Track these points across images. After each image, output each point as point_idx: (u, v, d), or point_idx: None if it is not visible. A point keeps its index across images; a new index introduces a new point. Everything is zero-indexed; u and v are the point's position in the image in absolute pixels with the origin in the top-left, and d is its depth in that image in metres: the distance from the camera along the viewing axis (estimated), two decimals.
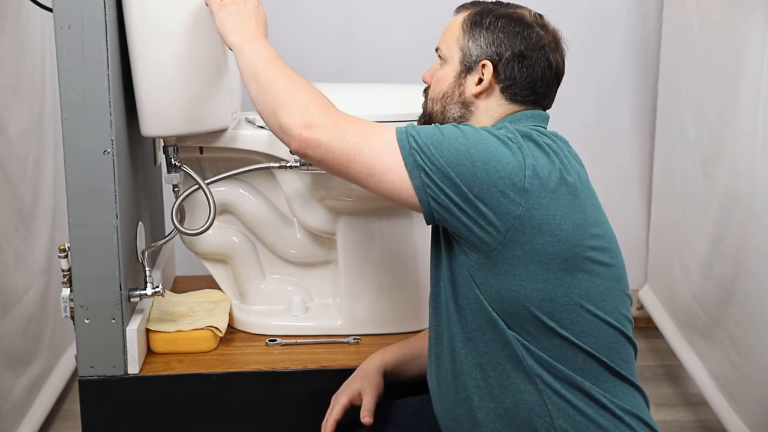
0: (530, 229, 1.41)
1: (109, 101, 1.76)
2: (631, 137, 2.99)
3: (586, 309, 1.46)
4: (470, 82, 1.56)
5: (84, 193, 1.79)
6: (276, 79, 1.55)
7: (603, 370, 1.47)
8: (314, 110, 1.49)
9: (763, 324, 2.11)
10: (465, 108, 1.57)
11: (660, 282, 2.86)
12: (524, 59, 1.54)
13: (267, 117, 1.55)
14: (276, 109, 1.52)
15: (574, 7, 2.89)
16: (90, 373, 1.87)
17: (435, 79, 1.61)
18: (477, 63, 1.55)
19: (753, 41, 2.15)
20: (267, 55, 1.59)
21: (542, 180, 1.42)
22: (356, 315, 2.08)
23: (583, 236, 1.45)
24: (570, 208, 1.43)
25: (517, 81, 1.55)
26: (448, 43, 1.60)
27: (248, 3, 1.68)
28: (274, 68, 1.57)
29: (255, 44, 1.62)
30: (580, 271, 1.45)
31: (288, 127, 1.49)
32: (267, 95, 1.54)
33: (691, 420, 2.53)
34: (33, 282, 2.36)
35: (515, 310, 1.44)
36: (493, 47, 1.54)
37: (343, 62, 2.85)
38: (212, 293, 2.19)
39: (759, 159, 2.12)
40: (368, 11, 2.85)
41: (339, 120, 1.49)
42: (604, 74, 2.95)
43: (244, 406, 1.91)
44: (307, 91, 1.53)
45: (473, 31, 1.56)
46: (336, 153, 1.47)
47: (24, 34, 2.31)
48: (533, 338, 1.45)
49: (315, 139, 1.47)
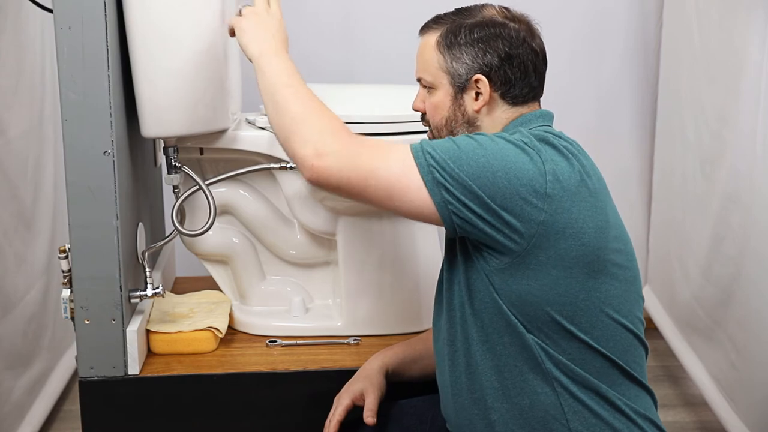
0: (554, 234, 1.40)
1: (109, 102, 1.76)
2: (631, 138, 2.99)
3: (606, 313, 1.45)
4: (468, 100, 1.54)
5: (84, 193, 1.79)
6: (292, 102, 1.51)
7: (619, 374, 1.47)
8: (326, 138, 1.45)
9: (763, 325, 2.11)
10: (471, 125, 1.55)
11: (660, 283, 2.86)
12: (512, 59, 1.52)
13: (281, 140, 1.52)
14: (288, 135, 1.49)
15: (574, 7, 2.89)
16: (90, 374, 1.87)
17: (430, 107, 1.58)
18: (469, 80, 1.53)
19: (753, 42, 2.15)
20: (286, 72, 1.56)
21: (563, 184, 1.41)
22: (356, 316, 2.08)
23: (605, 239, 1.44)
24: (592, 211, 1.43)
25: (513, 82, 1.53)
26: (429, 70, 1.56)
27: (272, 16, 1.65)
28: (291, 87, 1.53)
29: (276, 57, 1.58)
30: (602, 275, 1.44)
31: (300, 156, 1.46)
32: (282, 118, 1.51)
33: (691, 421, 2.53)
34: (33, 283, 2.36)
35: (535, 314, 1.44)
36: (479, 60, 1.52)
37: (344, 63, 2.85)
38: (212, 294, 2.19)
39: (759, 160, 2.12)
40: (369, 12, 2.85)
41: (351, 145, 1.45)
42: (604, 75, 2.95)
43: (244, 407, 1.91)
44: (320, 117, 1.49)
45: (452, 51, 1.53)
46: (351, 180, 1.44)
47: (24, 34, 2.31)
48: (552, 341, 1.44)
49: (327, 168, 1.43)
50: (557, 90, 2.99)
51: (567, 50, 2.91)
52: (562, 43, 2.90)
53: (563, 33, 2.89)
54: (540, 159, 1.41)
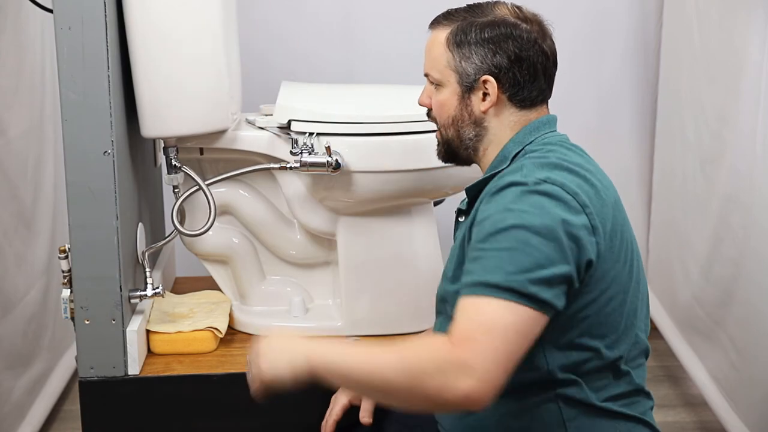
0: (596, 281, 1.40)
1: (109, 102, 1.76)
2: (631, 138, 2.99)
3: (630, 325, 1.46)
4: (476, 101, 1.51)
5: (84, 194, 1.79)
6: (384, 376, 1.30)
7: (626, 384, 1.47)
8: (446, 371, 1.25)
9: (763, 325, 2.11)
10: (478, 126, 1.52)
11: (660, 283, 2.86)
12: (522, 61, 1.49)
13: (421, 407, 1.35)
14: (420, 398, 1.28)
15: (574, 7, 2.89)
16: (90, 374, 1.87)
17: (437, 104, 1.55)
18: (477, 80, 1.49)
19: (753, 42, 2.15)
20: (341, 356, 1.34)
21: (596, 207, 1.40)
22: (356, 316, 2.08)
23: (633, 265, 1.45)
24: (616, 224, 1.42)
25: (522, 85, 1.50)
26: (437, 67, 1.53)
27: (272, 336, 1.44)
28: (364, 364, 1.32)
29: (318, 349, 1.37)
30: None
31: (457, 401, 1.26)
32: (399, 393, 1.31)
33: (692, 421, 2.53)
34: (33, 283, 2.36)
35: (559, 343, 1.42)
36: (488, 60, 1.48)
37: (344, 63, 2.85)
38: (212, 294, 2.19)
39: (759, 160, 2.11)
40: (369, 12, 2.85)
41: (462, 353, 1.25)
42: (604, 75, 2.95)
43: (244, 406, 1.91)
44: (417, 364, 1.28)
45: (461, 50, 1.50)
46: (505, 365, 1.27)
47: (24, 35, 2.31)
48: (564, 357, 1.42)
49: (485, 383, 1.25)
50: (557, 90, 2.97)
51: (567, 50, 2.90)
52: (562, 43, 2.85)
53: (563, 33, 2.85)
54: (578, 204, 1.37)
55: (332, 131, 1.96)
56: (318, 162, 1.94)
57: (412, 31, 2.80)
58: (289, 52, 2.82)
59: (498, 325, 1.28)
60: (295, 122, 1.98)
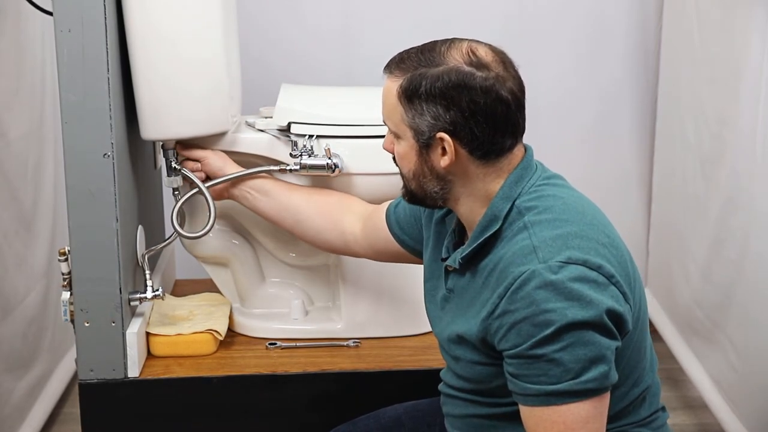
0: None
1: (109, 104, 1.76)
2: (631, 139, 2.99)
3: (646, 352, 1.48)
4: (435, 157, 1.41)
5: (84, 196, 1.79)
6: None
7: (648, 407, 1.49)
8: None
9: (763, 327, 2.11)
10: (442, 181, 1.43)
11: (660, 285, 2.86)
12: (477, 114, 1.36)
13: None
14: None
15: (574, 9, 2.89)
16: (90, 377, 1.87)
17: (398, 155, 1.47)
18: (433, 137, 1.39)
19: (753, 43, 2.15)
20: None
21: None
22: (356, 318, 2.08)
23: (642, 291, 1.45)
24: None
25: (481, 139, 1.38)
26: (392, 119, 1.44)
27: None
28: None
29: None
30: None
31: None
32: None
33: (692, 423, 2.53)
34: (33, 285, 2.36)
35: None
36: (442, 117, 1.37)
37: (342, 65, 2.85)
38: (212, 296, 2.19)
39: (759, 161, 2.11)
40: (368, 14, 2.85)
41: None
42: (604, 76, 2.95)
43: (244, 409, 1.91)
44: None
45: (413, 105, 1.39)
46: None
47: (24, 37, 2.31)
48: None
49: None
50: (558, 91, 3.00)
51: (567, 52, 2.92)
52: (562, 44, 2.90)
53: (564, 35, 2.89)
54: (605, 278, 1.33)
55: (332, 133, 1.96)
56: (318, 164, 1.94)
57: (410, 33, 2.79)
58: (289, 54, 2.81)
59: (586, 426, 1.32)
60: (295, 124, 1.98)
